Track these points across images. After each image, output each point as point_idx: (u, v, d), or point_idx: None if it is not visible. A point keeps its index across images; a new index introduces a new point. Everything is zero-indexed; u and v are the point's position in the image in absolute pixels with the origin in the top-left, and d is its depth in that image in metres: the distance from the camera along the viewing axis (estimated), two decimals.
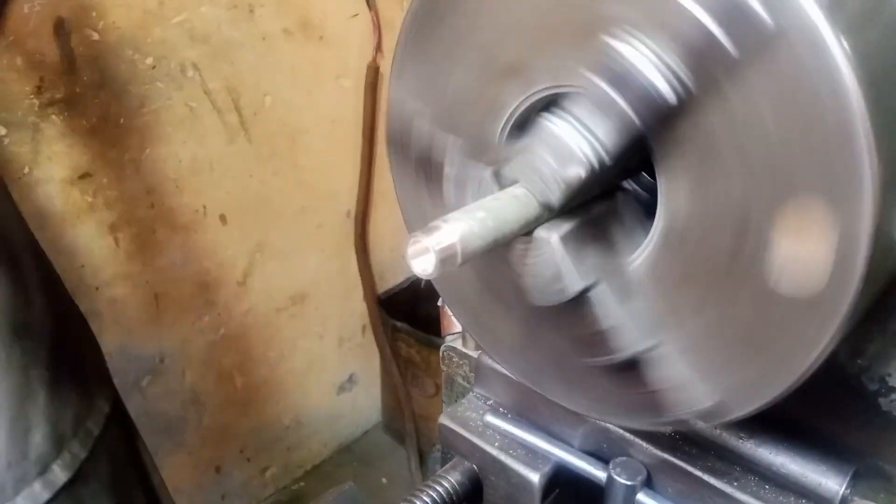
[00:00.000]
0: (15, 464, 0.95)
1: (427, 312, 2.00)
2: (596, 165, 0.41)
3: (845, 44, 0.33)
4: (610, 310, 0.45)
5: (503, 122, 0.46)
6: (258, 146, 1.82)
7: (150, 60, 1.54)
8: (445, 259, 0.36)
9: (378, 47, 1.97)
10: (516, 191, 0.42)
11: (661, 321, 0.44)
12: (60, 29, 1.38)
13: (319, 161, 1.98)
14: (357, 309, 2.28)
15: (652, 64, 0.38)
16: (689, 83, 0.38)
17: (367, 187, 2.11)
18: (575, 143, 0.41)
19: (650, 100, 0.38)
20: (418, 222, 0.56)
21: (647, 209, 0.45)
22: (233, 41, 1.68)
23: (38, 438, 0.97)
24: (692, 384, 0.44)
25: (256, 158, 1.83)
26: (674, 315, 0.44)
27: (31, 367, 0.97)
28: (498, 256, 0.45)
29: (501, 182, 0.44)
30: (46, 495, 0.96)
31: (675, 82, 0.38)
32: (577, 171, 0.41)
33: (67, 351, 1.06)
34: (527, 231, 0.42)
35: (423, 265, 0.36)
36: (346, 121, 2.02)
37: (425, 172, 0.51)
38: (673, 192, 0.41)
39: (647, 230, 0.44)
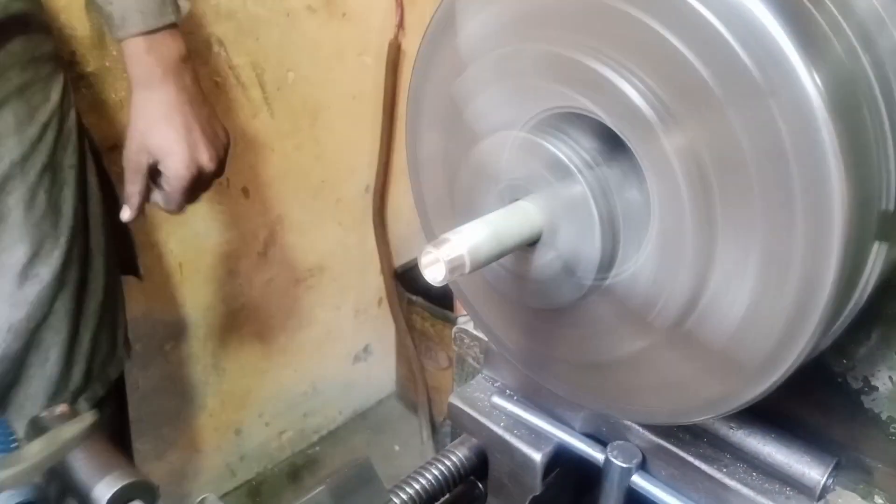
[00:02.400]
0: (59, 393, 1.07)
1: (441, 287, 2.03)
2: (589, 177, 0.45)
3: (830, 108, 0.36)
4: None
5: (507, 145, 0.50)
6: (280, 121, 1.85)
7: None
8: (454, 269, 0.40)
9: (400, 24, 1.98)
10: (521, 205, 0.45)
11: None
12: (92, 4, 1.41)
13: (340, 137, 2.01)
14: (374, 282, 2.32)
15: (633, 86, 0.41)
16: (672, 106, 0.41)
17: (386, 163, 2.14)
18: (568, 157, 0.45)
19: (632, 116, 0.41)
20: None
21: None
22: (258, 17, 1.70)
23: (77, 374, 1.09)
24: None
25: (278, 133, 1.86)
26: None
27: (85, 317, 1.09)
28: (502, 265, 0.49)
29: (508, 196, 0.48)
30: None
31: (659, 105, 0.41)
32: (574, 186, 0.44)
33: (110, 306, 1.15)
34: (530, 242, 0.46)
35: (433, 274, 0.40)
36: (367, 97, 2.04)
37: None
38: (665, 200, 0.44)
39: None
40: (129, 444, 1.36)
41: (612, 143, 0.45)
